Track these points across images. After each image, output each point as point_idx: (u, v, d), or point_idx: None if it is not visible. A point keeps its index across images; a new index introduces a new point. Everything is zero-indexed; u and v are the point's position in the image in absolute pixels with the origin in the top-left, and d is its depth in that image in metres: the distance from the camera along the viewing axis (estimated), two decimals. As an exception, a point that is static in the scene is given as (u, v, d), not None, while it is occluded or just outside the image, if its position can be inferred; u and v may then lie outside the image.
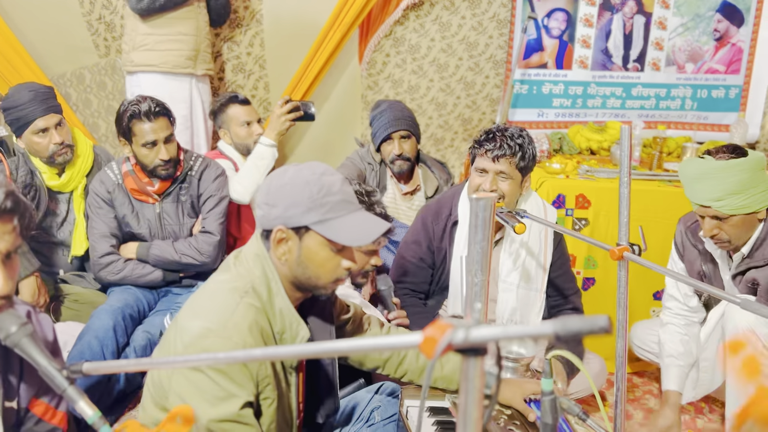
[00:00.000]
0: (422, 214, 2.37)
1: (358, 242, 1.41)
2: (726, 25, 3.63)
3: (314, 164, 1.45)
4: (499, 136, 2.11)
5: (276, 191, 1.40)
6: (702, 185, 1.98)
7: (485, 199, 0.74)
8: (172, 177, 2.54)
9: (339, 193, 1.41)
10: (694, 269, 2.23)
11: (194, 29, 3.07)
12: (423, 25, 3.61)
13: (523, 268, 2.24)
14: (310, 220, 1.39)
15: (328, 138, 3.69)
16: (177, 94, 3.11)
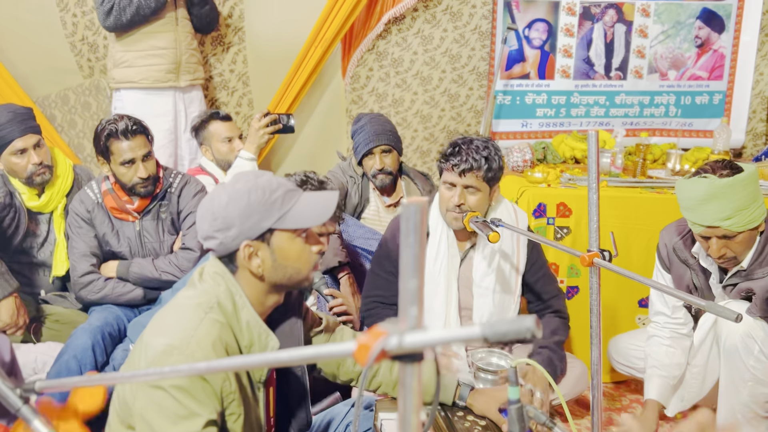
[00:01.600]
0: (392, 226, 2.37)
1: (322, 218, 1.45)
2: (707, 31, 3.65)
3: (239, 176, 1.46)
4: (464, 150, 2.12)
5: (223, 214, 1.41)
6: (711, 206, 1.92)
7: (416, 204, 0.74)
8: (152, 194, 2.54)
9: (279, 187, 1.44)
10: (683, 283, 2.20)
11: (172, 42, 3.07)
12: (405, 38, 3.63)
13: (498, 271, 2.23)
14: (271, 221, 1.41)
15: (313, 152, 3.70)
16: (159, 108, 3.12)
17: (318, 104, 3.67)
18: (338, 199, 1.52)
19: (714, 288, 2.14)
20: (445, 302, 2.23)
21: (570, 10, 3.52)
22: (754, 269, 2.01)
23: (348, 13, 3.34)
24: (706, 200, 1.92)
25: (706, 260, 2.10)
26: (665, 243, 2.23)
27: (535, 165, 3.22)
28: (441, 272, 2.23)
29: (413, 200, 0.73)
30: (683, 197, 2.01)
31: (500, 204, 2.27)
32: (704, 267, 2.13)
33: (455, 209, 2.14)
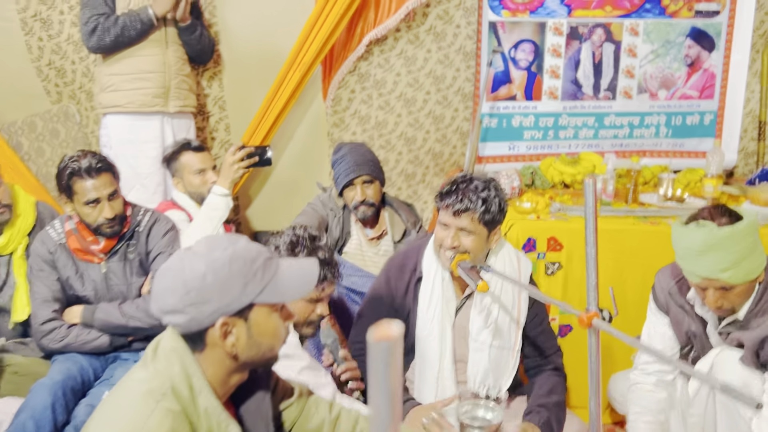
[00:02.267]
0: (386, 268, 2.23)
1: (305, 290, 1.34)
2: (697, 50, 3.55)
3: (212, 242, 1.31)
4: (462, 189, 1.98)
5: (200, 286, 1.25)
6: (709, 258, 1.78)
7: (386, 341, 0.60)
8: (119, 234, 2.40)
9: (259, 255, 1.30)
10: (682, 329, 2.07)
11: (161, 65, 2.96)
12: (388, 60, 3.50)
13: (496, 325, 2.09)
14: (252, 295, 1.27)
15: (294, 178, 3.56)
16: (145, 134, 3.00)
17: (298, 128, 3.54)
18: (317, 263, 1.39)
19: (711, 336, 2.02)
20: (439, 352, 2.09)
21: (557, 30, 3.41)
22: (750, 319, 1.89)
23: (328, 35, 3.21)
24: (704, 251, 1.79)
25: (702, 308, 1.98)
26: (662, 286, 2.10)
27: (523, 192, 3.10)
28: (435, 319, 2.09)
29: (383, 336, 0.60)
30: (679, 246, 1.87)
31: (502, 249, 2.13)
32: (699, 315, 2.01)
33: (448, 251, 2.01)
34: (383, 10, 3.35)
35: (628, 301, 2.61)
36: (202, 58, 3.20)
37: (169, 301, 1.26)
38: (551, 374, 2.14)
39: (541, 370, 2.15)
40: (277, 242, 1.90)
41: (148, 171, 2.97)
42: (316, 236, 1.92)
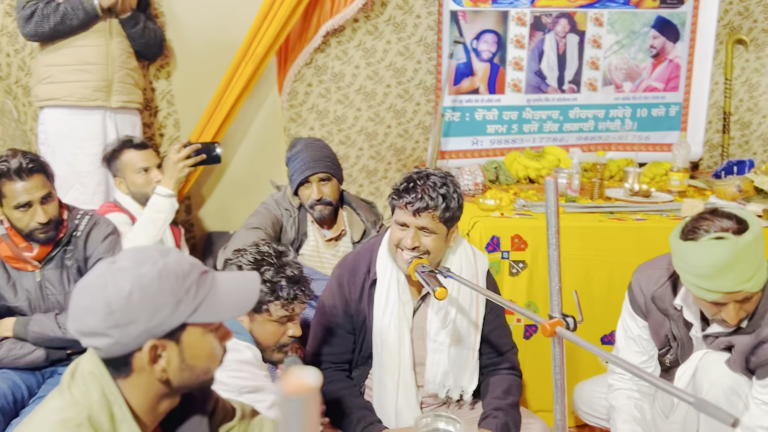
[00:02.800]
0: (338, 272, 2.10)
1: (246, 307, 1.23)
2: (662, 41, 3.49)
3: (139, 255, 1.16)
4: (420, 187, 1.86)
5: (125, 306, 1.10)
6: (735, 271, 1.64)
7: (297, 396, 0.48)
8: (54, 240, 2.22)
9: (192, 269, 1.17)
10: (662, 332, 1.97)
11: (103, 57, 2.78)
12: (346, 51, 3.36)
13: (454, 325, 1.99)
14: (183, 315, 1.14)
15: (249, 175, 3.40)
16: (85, 130, 2.81)
17: (253, 123, 3.38)
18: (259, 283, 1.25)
19: (694, 339, 1.93)
20: (398, 358, 1.98)
21: (520, 20, 3.31)
22: (747, 324, 1.81)
23: (282, 25, 3.05)
24: (731, 265, 1.63)
25: (690, 313, 1.88)
26: (642, 290, 1.97)
27: (487, 188, 2.99)
28: (392, 324, 1.97)
29: (293, 389, 0.48)
30: (695, 264, 1.68)
31: (458, 246, 2.03)
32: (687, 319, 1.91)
33: (409, 251, 1.89)
34: (340, 0, 3.21)
35: (595, 299, 2.53)
36: (149, 52, 3.03)
37: (90, 322, 1.12)
38: (507, 374, 2.05)
39: (497, 369, 2.06)
40: (240, 261, 1.74)
41: (88, 169, 2.78)
42: (283, 251, 1.78)
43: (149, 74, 3.20)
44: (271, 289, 1.71)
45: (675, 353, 1.98)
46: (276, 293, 1.72)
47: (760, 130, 3.84)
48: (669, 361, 2.00)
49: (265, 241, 1.83)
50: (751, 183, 2.88)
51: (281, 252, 1.78)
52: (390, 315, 1.97)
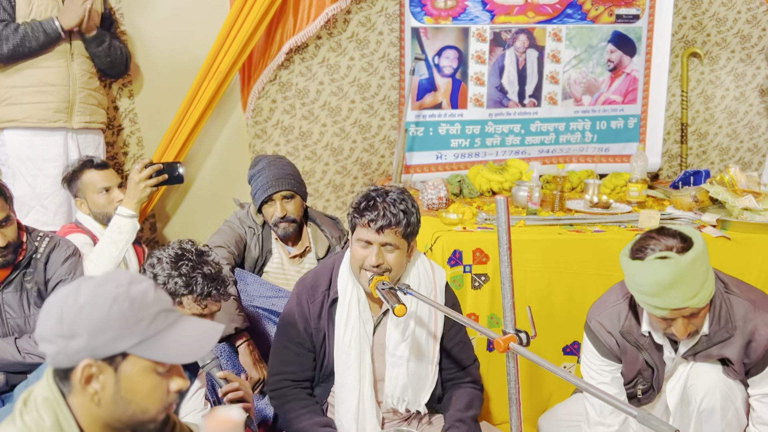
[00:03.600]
0: (297, 290, 2.11)
1: (194, 356, 1.19)
2: (619, 55, 3.57)
3: (114, 274, 1.19)
4: (381, 204, 1.90)
5: (74, 318, 1.12)
6: (679, 288, 1.70)
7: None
8: (13, 263, 2.20)
9: (155, 303, 1.17)
10: (636, 366, 1.99)
11: (65, 79, 2.76)
12: (310, 68, 3.39)
13: (413, 338, 2.02)
14: (126, 344, 1.14)
15: (214, 193, 3.40)
16: (46, 151, 2.79)
17: (217, 140, 3.38)
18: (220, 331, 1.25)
19: (668, 361, 1.97)
20: (358, 376, 1.99)
21: (480, 36, 3.36)
22: (717, 331, 1.86)
23: (244, 42, 3.07)
24: (675, 283, 1.70)
25: (659, 336, 1.93)
26: (609, 331, 1.97)
27: (450, 202, 3.03)
28: (352, 342, 1.99)
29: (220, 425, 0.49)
30: (642, 283, 1.76)
31: (417, 260, 2.07)
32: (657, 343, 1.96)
33: (372, 269, 1.92)
34: (302, 17, 3.23)
35: (556, 311, 2.57)
36: (114, 71, 3.02)
37: (45, 326, 1.15)
38: (468, 388, 2.09)
39: (459, 383, 2.09)
40: (161, 254, 1.77)
41: (49, 191, 2.77)
42: (205, 252, 1.81)
43: (112, 93, 3.19)
44: (186, 283, 1.73)
45: (647, 382, 2.00)
46: (191, 287, 1.73)
47: (716, 141, 3.95)
48: (641, 391, 2.02)
49: (189, 240, 1.85)
50: (706, 193, 2.96)
51: (203, 252, 1.81)
52: (351, 333, 1.99)
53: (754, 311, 1.85)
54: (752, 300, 1.86)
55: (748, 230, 2.68)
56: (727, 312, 1.86)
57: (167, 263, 1.75)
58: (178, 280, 1.73)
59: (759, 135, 3.92)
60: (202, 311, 1.75)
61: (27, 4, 2.70)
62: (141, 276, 1.24)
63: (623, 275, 1.86)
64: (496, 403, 2.58)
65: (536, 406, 2.64)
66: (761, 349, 1.84)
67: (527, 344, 1.44)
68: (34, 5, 2.71)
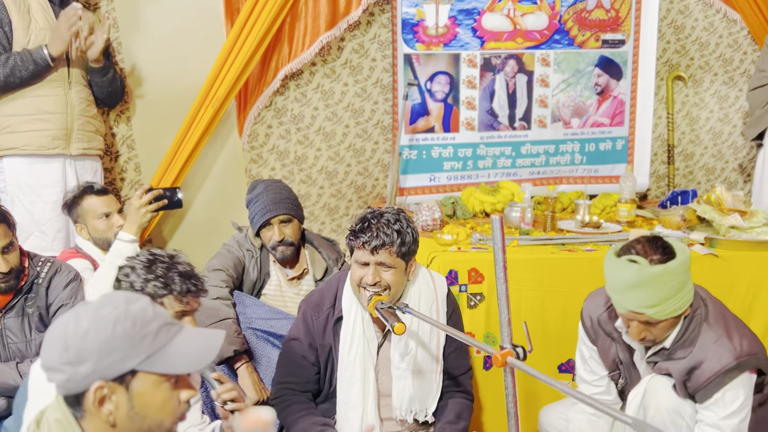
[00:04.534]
0: (302, 308, 2.18)
1: (203, 363, 1.24)
2: (606, 78, 3.67)
3: (110, 296, 1.23)
4: (374, 225, 1.97)
5: (79, 344, 1.16)
6: (637, 293, 1.78)
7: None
8: (15, 289, 2.23)
9: (155, 318, 1.21)
10: (609, 357, 2.07)
11: (62, 106, 2.80)
12: (305, 94, 3.46)
13: (417, 351, 2.08)
14: (135, 361, 1.17)
15: (211, 217, 3.43)
16: (45, 178, 2.82)
17: (214, 165, 3.43)
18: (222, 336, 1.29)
19: (638, 364, 2.03)
20: (362, 393, 2.04)
21: (471, 62, 3.45)
22: (676, 349, 1.91)
23: (241, 69, 3.14)
24: (633, 287, 1.78)
25: (628, 337, 1.99)
26: (590, 314, 2.09)
27: (444, 223, 3.09)
28: (357, 361, 2.04)
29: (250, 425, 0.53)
30: (610, 277, 1.87)
31: (418, 275, 2.13)
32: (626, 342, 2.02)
33: (370, 288, 1.97)
34: (297, 44, 3.31)
35: (550, 330, 2.62)
36: (112, 100, 3.07)
37: (50, 356, 1.18)
38: (460, 398, 2.14)
39: (451, 393, 2.14)
40: (132, 263, 1.79)
41: (47, 217, 2.79)
42: (175, 255, 1.84)
43: (109, 119, 3.24)
44: (164, 284, 1.75)
45: (624, 377, 2.07)
46: (169, 287, 1.75)
47: (702, 161, 4.04)
48: (620, 385, 2.10)
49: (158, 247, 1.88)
50: (693, 212, 3.02)
51: (173, 255, 1.84)
52: (355, 352, 2.04)
53: (713, 343, 1.87)
54: (719, 335, 1.89)
55: (735, 248, 2.74)
56: (695, 338, 1.90)
57: (141, 269, 1.76)
58: (155, 282, 1.74)
59: (743, 155, 4.01)
60: (185, 308, 1.77)
61: (25, 35, 2.75)
62: (136, 295, 1.27)
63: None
64: (491, 420, 2.61)
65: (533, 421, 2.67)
66: (703, 379, 1.86)
67: (524, 359, 1.48)
68: (32, 36, 2.76)
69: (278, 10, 3.12)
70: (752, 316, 2.66)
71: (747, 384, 1.88)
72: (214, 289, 2.45)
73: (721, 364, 1.83)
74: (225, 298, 2.47)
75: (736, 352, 1.84)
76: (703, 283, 2.63)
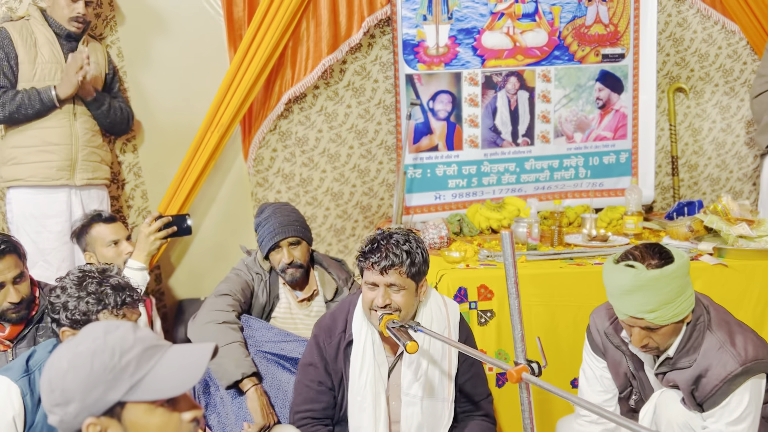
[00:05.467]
0: (315, 332, 2.16)
1: (187, 385, 1.19)
2: (607, 93, 3.69)
3: (89, 328, 1.21)
4: (384, 246, 1.97)
5: (61, 386, 1.15)
6: (635, 298, 1.79)
7: None
8: (26, 318, 2.23)
9: (135, 345, 1.19)
10: (620, 370, 2.05)
11: (67, 138, 2.83)
12: (309, 117, 3.48)
13: (426, 378, 2.04)
14: (119, 393, 1.15)
15: (219, 242, 3.45)
16: (50, 208, 2.84)
17: (220, 190, 3.45)
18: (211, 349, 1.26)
19: (649, 375, 2.02)
20: (374, 418, 2.01)
21: (472, 80, 3.48)
22: (680, 358, 1.90)
23: (245, 95, 3.17)
24: (632, 291, 1.79)
25: (633, 347, 1.98)
26: (597, 328, 2.08)
27: (451, 241, 3.09)
28: (368, 385, 2.02)
29: None
30: (608, 284, 1.88)
31: (429, 298, 2.11)
32: (634, 353, 2.01)
33: (380, 311, 1.96)
34: (300, 68, 3.34)
35: (562, 345, 2.61)
36: (115, 130, 3.09)
37: (43, 399, 1.18)
38: (481, 421, 2.10)
39: (471, 416, 2.11)
40: (63, 283, 1.76)
41: (52, 246, 2.81)
42: (106, 269, 1.81)
43: (116, 148, 3.26)
44: (98, 299, 1.72)
45: (638, 393, 2.05)
46: (103, 302, 1.72)
47: (706, 172, 4.04)
48: (634, 401, 2.07)
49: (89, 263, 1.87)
50: (701, 223, 3.02)
51: (104, 269, 1.81)
52: (366, 376, 2.02)
53: (717, 350, 1.86)
54: (722, 341, 1.87)
55: (744, 257, 2.74)
56: (698, 345, 1.89)
57: (72, 287, 1.74)
58: (88, 299, 1.72)
59: (747, 165, 4.02)
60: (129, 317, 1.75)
61: (31, 68, 2.79)
62: (115, 323, 1.24)
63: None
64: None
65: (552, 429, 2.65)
66: (710, 387, 1.85)
67: (539, 374, 1.47)
68: (37, 69, 2.79)
69: (280, 36, 3.16)
70: (765, 325, 2.65)
71: (755, 389, 1.85)
72: (221, 314, 2.45)
73: (727, 370, 1.82)
74: (232, 322, 2.46)
75: (741, 357, 1.82)
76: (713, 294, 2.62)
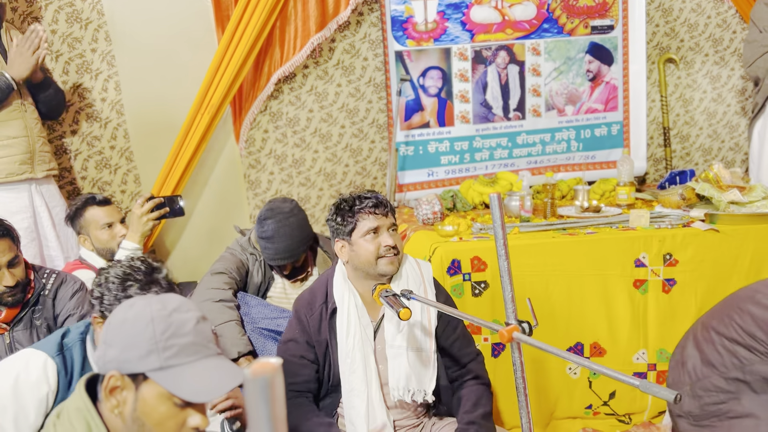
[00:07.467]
0: (295, 308, 2.16)
1: (202, 397, 1.18)
2: (597, 65, 3.69)
3: (168, 297, 1.24)
4: (369, 193, 2.06)
5: (115, 328, 1.20)
6: None
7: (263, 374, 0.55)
8: (22, 302, 2.24)
9: (190, 334, 1.20)
10: None
11: (22, 129, 2.78)
12: (299, 97, 3.48)
13: (409, 329, 2.06)
14: (148, 366, 1.17)
15: (213, 224, 3.46)
16: (14, 205, 2.80)
17: (213, 172, 3.45)
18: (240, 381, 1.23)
19: None
20: (365, 379, 2.03)
21: (462, 55, 3.47)
22: None
23: (234, 75, 3.16)
24: None
25: None
26: None
27: (445, 216, 3.10)
28: (356, 347, 2.04)
29: (260, 369, 0.55)
30: None
31: (405, 260, 2.14)
32: None
33: (389, 253, 2.00)
34: (289, 48, 3.34)
35: (556, 312, 2.63)
36: (55, 113, 3.03)
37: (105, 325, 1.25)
38: (473, 385, 2.10)
39: (463, 382, 2.12)
40: (107, 274, 1.63)
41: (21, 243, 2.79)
42: (156, 268, 1.65)
43: (106, 132, 3.26)
44: None
45: None
46: None
47: (698, 142, 4.05)
48: None
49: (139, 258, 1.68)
50: (692, 191, 3.04)
51: (154, 268, 1.65)
52: (353, 339, 2.04)
53: None
54: None
55: (736, 222, 2.75)
56: None
57: (115, 282, 1.61)
58: None
59: (739, 134, 4.03)
60: None
61: None
62: (191, 305, 1.25)
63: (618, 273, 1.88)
64: (504, 407, 2.61)
65: (543, 411, 2.67)
66: None
67: (530, 333, 1.48)
68: None
69: (268, 15, 3.15)
70: (757, 289, 2.66)
71: None
72: (217, 292, 2.46)
73: None
74: (228, 300, 2.47)
75: None
76: (706, 259, 2.65)
